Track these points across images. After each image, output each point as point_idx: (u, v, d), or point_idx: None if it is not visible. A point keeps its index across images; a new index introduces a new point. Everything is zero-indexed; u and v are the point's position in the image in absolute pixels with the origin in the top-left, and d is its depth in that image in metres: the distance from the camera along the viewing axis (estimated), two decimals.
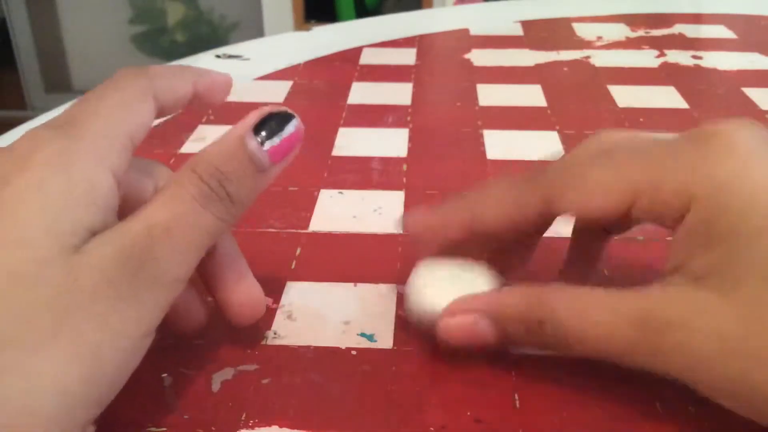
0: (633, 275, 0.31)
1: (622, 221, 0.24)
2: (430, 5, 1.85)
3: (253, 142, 0.23)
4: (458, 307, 0.25)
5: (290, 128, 0.24)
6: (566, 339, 0.23)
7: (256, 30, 1.98)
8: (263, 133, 0.23)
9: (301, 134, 0.24)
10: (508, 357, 0.27)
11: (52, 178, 0.20)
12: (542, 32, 0.69)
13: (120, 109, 0.23)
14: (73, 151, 0.21)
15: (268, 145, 0.23)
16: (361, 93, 0.54)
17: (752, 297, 0.20)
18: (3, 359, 0.18)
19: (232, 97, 0.53)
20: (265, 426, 0.24)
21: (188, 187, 0.22)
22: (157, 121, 0.48)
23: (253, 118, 0.23)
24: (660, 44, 0.65)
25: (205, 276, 0.26)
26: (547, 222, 0.26)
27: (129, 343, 0.20)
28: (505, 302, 0.24)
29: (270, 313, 0.29)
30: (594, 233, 0.28)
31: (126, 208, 0.22)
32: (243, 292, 0.26)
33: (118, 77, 0.24)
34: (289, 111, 0.24)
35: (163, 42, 2.17)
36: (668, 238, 0.23)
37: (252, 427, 0.24)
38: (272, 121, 0.23)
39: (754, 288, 0.20)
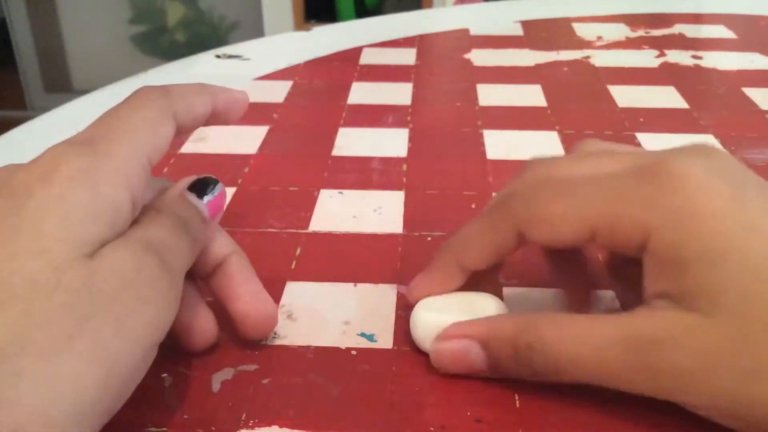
0: None
1: (588, 247, 0.25)
2: (430, 5, 1.85)
3: (191, 196, 0.26)
4: (450, 333, 0.26)
5: (215, 190, 0.27)
6: (556, 364, 0.23)
7: (256, 30, 1.98)
8: (198, 192, 0.26)
9: (223, 195, 0.27)
10: None
11: (75, 193, 0.21)
12: (542, 32, 0.69)
13: (143, 130, 0.24)
14: (97, 169, 0.22)
15: (205, 201, 0.26)
16: (361, 93, 0.54)
17: (733, 314, 0.21)
18: (19, 365, 0.18)
19: None
20: (265, 426, 0.24)
21: (170, 218, 0.24)
22: None
23: (185, 180, 0.26)
24: (660, 44, 0.65)
25: (219, 292, 0.27)
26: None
27: (141, 350, 0.21)
28: (494, 327, 0.25)
29: None
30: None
31: None
32: (257, 307, 0.27)
33: (140, 96, 0.25)
34: (210, 177, 0.27)
35: (163, 42, 2.17)
36: None
37: (252, 427, 0.24)
38: (203, 185, 0.26)
39: (733, 305, 0.21)
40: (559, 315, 0.24)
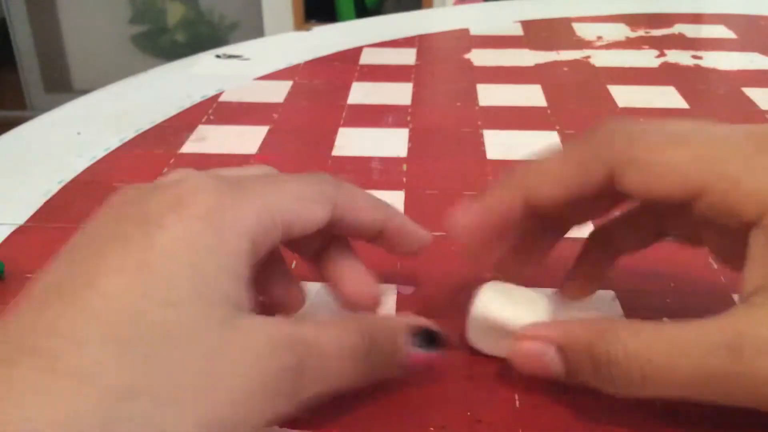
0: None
1: (680, 212, 0.22)
2: (430, 5, 1.85)
3: (406, 338, 0.23)
4: (528, 333, 0.24)
5: (434, 350, 0.24)
6: (642, 377, 0.21)
7: (256, 30, 1.98)
8: (416, 339, 0.24)
9: (438, 359, 0.24)
10: None
11: (204, 237, 0.20)
12: (542, 32, 0.69)
13: (278, 194, 0.23)
14: (224, 211, 0.21)
15: (413, 350, 0.24)
16: (361, 93, 0.54)
17: None
18: (134, 408, 0.17)
19: (232, 97, 0.53)
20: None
21: (352, 333, 0.22)
22: (162, 119, 0.47)
23: (419, 322, 0.24)
24: (660, 44, 0.65)
25: (326, 271, 0.27)
26: (602, 204, 0.24)
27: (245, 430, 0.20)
28: (569, 332, 0.23)
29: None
30: (606, 249, 0.27)
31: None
32: (363, 287, 0.26)
33: (317, 174, 0.25)
34: (444, 337, 0.24)
35: (163, 42, 2.17)
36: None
37: None
38: (428, 337, 0.24)
39: None
40: (638, 322, 0.22)
